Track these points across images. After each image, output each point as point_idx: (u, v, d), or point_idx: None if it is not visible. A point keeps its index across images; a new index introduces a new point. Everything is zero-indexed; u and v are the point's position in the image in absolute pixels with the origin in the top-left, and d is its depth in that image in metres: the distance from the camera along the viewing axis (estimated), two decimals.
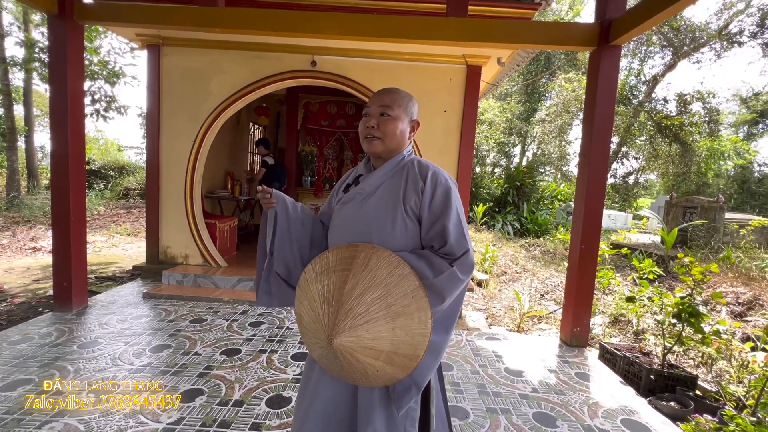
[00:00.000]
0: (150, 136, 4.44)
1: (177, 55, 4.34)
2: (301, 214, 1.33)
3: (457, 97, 4.38)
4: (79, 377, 2.32)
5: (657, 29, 13.52)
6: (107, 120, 11.42)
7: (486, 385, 2.54)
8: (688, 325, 2.58)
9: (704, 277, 2.72)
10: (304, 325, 1.09)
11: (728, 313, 4.00)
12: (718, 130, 14.70)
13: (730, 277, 4.83)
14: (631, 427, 2.16)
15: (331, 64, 4.37)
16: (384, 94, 1.22)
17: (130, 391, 2.21)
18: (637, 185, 16.42)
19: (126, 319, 3.26)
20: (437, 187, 1.14)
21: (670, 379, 2.57)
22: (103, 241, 7.09)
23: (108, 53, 10.77)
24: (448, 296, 1.08)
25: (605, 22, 3.02)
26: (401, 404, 1.09)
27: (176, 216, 4.48)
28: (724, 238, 6.96)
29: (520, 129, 15.95)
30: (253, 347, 2.88)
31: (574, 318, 3.25)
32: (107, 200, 11.90)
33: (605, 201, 3.68)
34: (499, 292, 5.22)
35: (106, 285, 4.41)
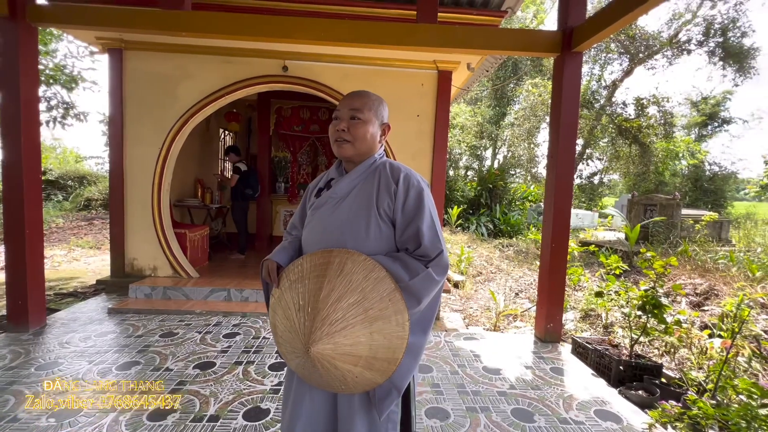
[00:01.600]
0: (113, 143, 4.24)
1: (141, 59, 4.18)
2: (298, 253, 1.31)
3: (430, 101, 4.45)
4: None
5: (615, 37, 14.29)
6: (65, 127, 10.81)
7: (465, 384, 2.57)
8: (652, 316, 2.71)
9: (665, 271, 2.88)
10: (280, 335, 1.07)
11: (688, 304, 4.24)
12: (673, 132, 15.66)
13: (688, 269, 5.12)
14: (603, 417, 2.25)
15: (303, 69, 4.33)
16: (354, 97, 1.22)
17: (97, 411, 2.09)
18: (602, 185, 17.21)
19: (89, 337, 3.09)
20: (410, 189, 1.15)
21: (638, 369, 2.69)
22: (63, 255, 6.69)
23: (65, 57, 10.22)
24: (424, 297, 1.08)
25: (567, 30, 3.16)
26: (382, 409, 1.09)
27: (143, 226, 4.29)
28: (681, 232, 7.39)
29: (490, 132, 16.37)
30: (229, 359, 2.79)
31: (547, 315, 3.35)
32: (67, 212, 11.23)
33: (573, 200, 3.83)
34: (476, 293, 5.32)
35: (66, 302, 4.15)
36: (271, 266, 1.19)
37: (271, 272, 1.18)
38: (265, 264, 1.21)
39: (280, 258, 1.21)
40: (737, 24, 14.06)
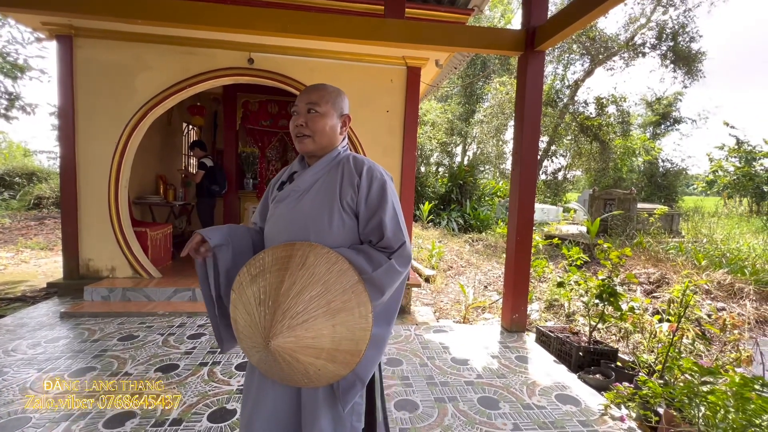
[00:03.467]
0: (63, 137, 3.97)
1: (93, 47, 3.93)
2: (251, 240, 1.24)
3: (399, 97, 4.46)
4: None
5: (576, 38, 14.89)
6: (10, 120, 10.03)
7: (434, 376, 2.62)
8: (608, 304, 2.87)
9: (621, 261, 3.05)
10: (240, 330, 1.04)
11: (642, 292, 4.51)
12: (630, 130, 16.55)
13: (642, 259, 5.45)
14: (563, 401, 2.36)
15: (269, 62, 4.22)
16: (311, 91, 1.20)
17: (47, 422, 1.96)
18: (566, 181, 17.93)
19: (39, 343, 2.89)
20: (373, 181, 1.15)
21: (596, 354, 2.84)
22: (9, 258, 6.22)
23: (8, 43, 9.44)
24: (387, 289, 1.09)
25: (530, 29, 3.26)
26: (346, 401, 1.09)
27: (99, 225, 4.06)
28: (637, 225, 7.84)
29: (460, 129, 16.67)
30: (193, 361, 2.70)
31: (513, 306, 3.46)
32: (14, 211, 10.43)
33: (538, 196, 3.97)
34: (446, 287, 5.42)
35: (13, 307, 3.87)
36: (194, 238, 1.11)
37: (191, 243, 1.10)
38: (192, 235, 1.13)
39: (212, 234, 1.13)
40: (686, 29, 15.01)
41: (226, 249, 1.17)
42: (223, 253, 1.16)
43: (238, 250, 1.20)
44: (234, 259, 1.18)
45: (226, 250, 1.16)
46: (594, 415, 2.22)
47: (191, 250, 1.11)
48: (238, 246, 1.20)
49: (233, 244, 1.18)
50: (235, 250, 1.19)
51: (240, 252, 1.20)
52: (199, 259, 1.16)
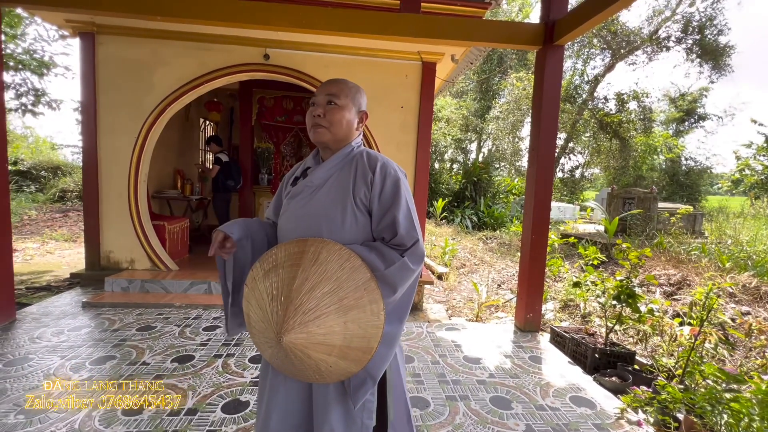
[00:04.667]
0: (86, 132, 4.08)
1: (114, 44, 4.02)
2: (265, 233, 1.26)
3: (414, 93, 4.43)
4: (6, 398, 2.10)
5: (597, 32, 14.49)
6: (36, 116, 10.36)
7: (446, 374, 2.61)
8: (626, 305, 2.80)
9: (640, 261, 2.96)
10: (253, 325, 1.05)
11: (661, 294, 4.38)
12: (651, 127, 16.06)
13: (662, 260, 5.29)
14: (578, 403, 2.31)
15: (285, 57, 4.24)
16: (331, 83, 1.20)
17: (68, 408, 2.03)
18: (583, 178, 17.55)
19: (62, 332, 2.99)
20: (386, 178, 1.14)
21: (612, 356, 2.78)
22: (36, 248, 6.45)
23: (35, 41, 9.74)
24: (400, 287, 1.08)
25: (549, 23, 3.17)
26: (357, 398, 1.09)
27: (119, 218, 4.17)
28: (657, 225, 7.62)
29: (475, 126, 16.47)
30: (208, 352, 2.75)
31: (527, 305, 3.41)
32: (40, 204, 10.81)
33: (554, 194, 3.89)
34: (459, 284, 5.38)
35: (39, 296, 4.01)
36: (217, 236, 1.12)
37: (214, 241, 1.11)
38: (214, 233, 1.14)
39: (234, 230, 1.14)
40: (714, 22, 14.43)
41: (246, 242, 1.20)
42: (244, 247, 1.19)
43: (258, 245, 1.23)
44: (253, 254, 1.21)
45: (246, 243, 1.20)
46: (610, 419, 2.17)
47: (217, 248, 1.12)
48: (255, 239, 1.23)
49: (252, 237, 1.21)
50: (254, 244, 1.22)
51: (258, 246, 1.23)
52: (225, 257, 1.16)
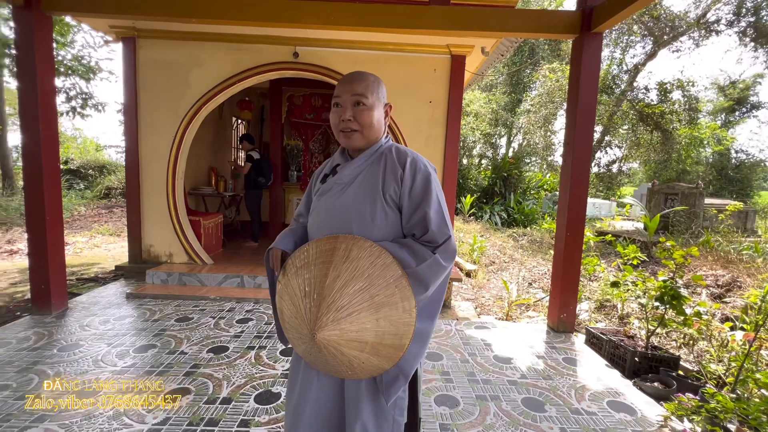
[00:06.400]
0: (128, 132, 4.30)
1: (153, 47, 4.20)
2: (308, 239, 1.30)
3: (442, 87, 4.36)
4: (60, 381, 2.26)
5: (637, 18, 13.68)
6: (84, 117, 11.06)
7: (475, 373, 2.56)
8: (670, 307, 2.64)
9: (685, 261, 2.78)
10: (286, 320, 1.07)
11: (708, 295, 4.11)
12: (697, 117, 15.02)
13: (709, 260, 4.96)
14: (616, 409, 2.21)
15: (313, 55, 4.28)
16: (354, 80, 1.14)
17: (114, 392, 2.16)
18: (621, 173, 16.70)
19: (109, 320, 3.18)
20: (417, 173, 1.12)
21: (654, 361, 2.63)
22: (85, 242, 6.90)
23: (82, 47, 10.38)
24: (431, 284, 1.06)
25: (587, 10, 3.02)
26: (389, 394, 1.08)
27: (158, 214, 4.37)
28: (703, 223, 7.15)
29: (505, 120, 16.03)
30: (241, 344, 2.84)
31: (561, 305, 3.29)
32: (88, 200, 11.56)
33: (589, 189, 3.72)
34: (488, 282, 5.27)
35: (87, 286, 4.29)
36: (276, 254, 1.18)
37: (275, 260, 1.17)
38: (270, 252, 1.21)
39: (285, 245, 1.20)
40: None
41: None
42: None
43: None
44: None
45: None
46: (652, 426, 2.05)
47: (278, 266, 1.17)
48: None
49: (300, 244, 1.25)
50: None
51: None
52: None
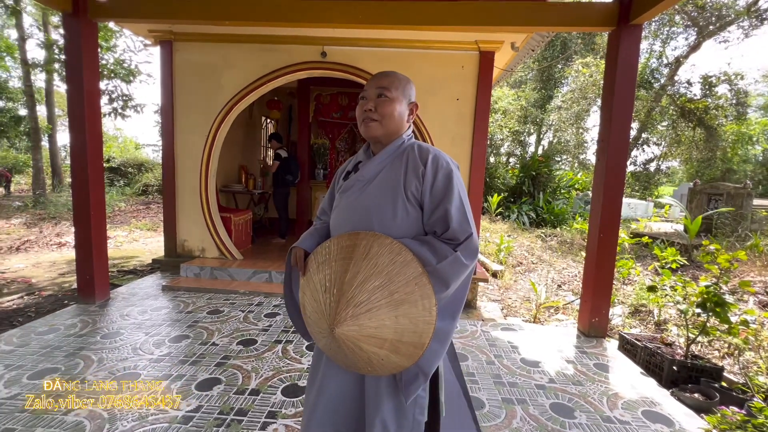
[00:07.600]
0: (165, 132, 4.51)
1: (188, 50, 4.38)
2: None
3: (470, 84, 4.29)
4: (102, 366, 2.40)
5: (680, 7, 12.91)
6: (125, 118, 11.67)
7: (501, 375, 2.51)
8: (713, 314, 2.48)
9: (731, 266, 2.61)
10: (308, 315, 1.09)
11: (756, 303, 3.84)
12: (746, 112, 14.03)
13: (758, 265, 4.62)
14: (652, 419, 2.11)
15: (341, 54, 4.32)
16: (381, 76, 1.20)
17: (151, 379, 2.27)
18: (659, 172, 15.86)
19: (146, 311, 3.35)
20: (438, 170, 1.11)
21: (694, 371, 2.48)
22: (125, 236, 7.30)
23: (124, 52, 10.96)
24: (452, 282, 1.05)
25: (625, 1, 2.88)
26: (409, 392, 1.08)
27: (192, 210, 4.56)
28: (751, 225, 6.67)
29: (535, 117, 15.58)
30: (269, 338, 2.92)
31: (593, 308, 3.17)
32: (128, 197, 12.23)
33: (625, 189, 3.56)
34: (515, 283, 5.15)
35: (127, 278, 4.54)
36: (299, 253, 1.21)
37: (299, 260, 1.20)
38: (293, 251, 1.24)
39: (308, 245, 1.23)
40: None
41: None
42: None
43: None
44: None
45: None
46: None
47: (302, 264, 1.20)
48: None
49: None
50: None
51: None
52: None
